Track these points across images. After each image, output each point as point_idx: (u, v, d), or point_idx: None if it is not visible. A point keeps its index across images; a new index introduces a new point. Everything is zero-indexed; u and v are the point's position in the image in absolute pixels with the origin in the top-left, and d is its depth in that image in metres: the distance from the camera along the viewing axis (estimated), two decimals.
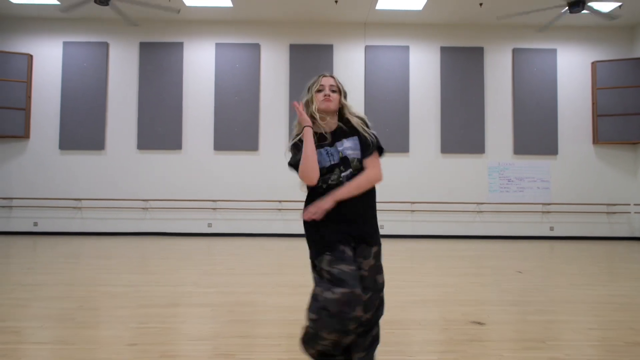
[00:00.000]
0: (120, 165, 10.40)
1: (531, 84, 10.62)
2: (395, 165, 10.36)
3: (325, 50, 10.50)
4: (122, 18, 8.17)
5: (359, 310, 1.82)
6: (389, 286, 4.53)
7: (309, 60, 10.46)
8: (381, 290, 2.09)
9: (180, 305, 3.74)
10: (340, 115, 2.08)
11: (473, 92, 10.60)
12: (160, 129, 10.41)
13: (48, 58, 10.45)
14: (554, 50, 10.66)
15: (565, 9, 7.89)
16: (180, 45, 10.48)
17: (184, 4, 9.50)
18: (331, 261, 1.88)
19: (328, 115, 2.04)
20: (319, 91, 2.02)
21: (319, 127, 2.03)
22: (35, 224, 10.26)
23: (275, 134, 10.40)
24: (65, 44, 10.45)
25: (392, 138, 10.39)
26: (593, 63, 10.59)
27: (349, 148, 2.00)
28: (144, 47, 10.49)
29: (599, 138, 10.50)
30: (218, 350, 2.62)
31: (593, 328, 3.16)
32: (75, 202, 10.27)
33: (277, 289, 4.47)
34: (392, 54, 10.56)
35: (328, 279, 1.85)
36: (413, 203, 10.35)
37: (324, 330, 1.80)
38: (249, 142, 10.39)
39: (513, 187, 10.57)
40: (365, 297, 1.93)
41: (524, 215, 10.49)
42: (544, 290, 4.49)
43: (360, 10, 9.86)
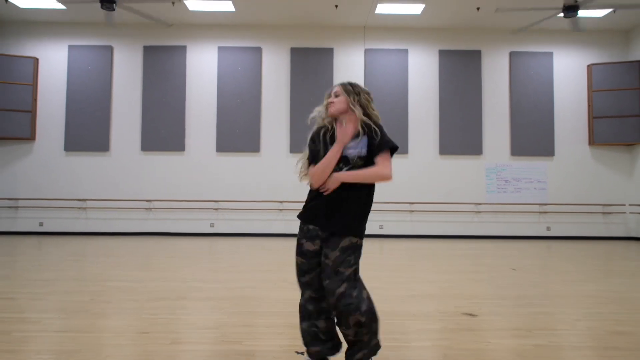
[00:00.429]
0: (124, 167, 10.58)
1: (528, 87, 10.80)
2: (395, 166, 10.19)
3: (326, 54, 10.69)
4: (158, 22, 8.64)
5: (307, 293, 2.18)
6: (388, 281, 4.74)
7: (310, 63, 10.65)
8: (342, 280, 2.07)
9: (187, 299, 3.93)
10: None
11: (471, 95, 10.77)
12: (163, 130, 10.60)
13: (53, 61, 10.65)
14: (550, 54, 10.84)
15: (560, 14, 8.07)
16: (183, 48, 10.68)
17: (187, 8, 9.70)
18: (296, 253, 2.23)
19: (340, 117, 2.23)
20: (328, 98, 2.27)
21: (331, 129, 2.25)
22: (40, 224, 10.44)
23: (276, 136, 10.59)
24: (70, 47, 10.64)
25: (392, 139, 10.55)
26: (589, 66, 10.77)
27: (351, 147, 2.17)
28: (147, 51, 10.69)
29: (594, 139, 10.67)
30: (225, 337, 2.81)
31: (579, 319, 3.34)
32: (80, 203, 10.45)
33: (279, 284, 4.65)
34: (392, 57, 10.75)
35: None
36: (412, 203, 10.52)
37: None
38: (251, 144, 10.57)
39: (510, 188, 10.74)
40: (326, 283, 2.10)
41: (521, 216, 10.66)
42: (536, 286, 4.67)
43: (359, 14, 10.05)
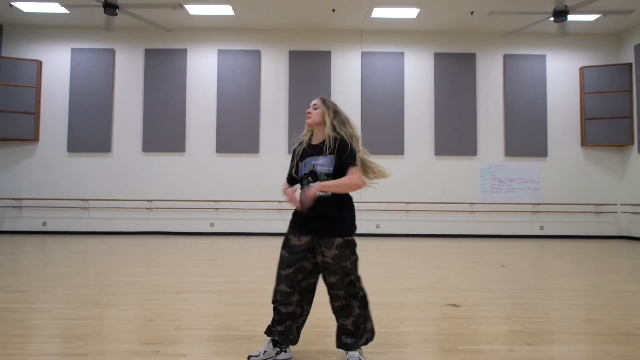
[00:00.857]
0: (126, 167, 10.81)
1: (521, 89, 11.04)
2: (391, 167, 10.49)
3: (323, 57, 10.92)
4: (157, 26, 8.85)
5: (282, 286, 2.35)
6: (379, 276, 4.96)
7: (308, 66, 10.88)
8: (349, 273, 2.31)
9: (190, 292, 4.16)
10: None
11: (465, 97, 11.01)
12: (164, 132, 10.83)
13: (57, 64, 10.88)
14: (544, 56, 11.08)
15: (551, 18, 8.31)
16: (184, 51, 10.91)
17: (187, 12, 9.93)
18: (282, 246, 2.47)
19: (315, 129, 2.47)
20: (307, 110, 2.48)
21: (309, 140, 2.49)
22: (44, 224, 10.66)
23: (275, 137, 10.82)
24: (73, 50, 10.88)
25: (388, 141, 10.81)
26: (581, 68, 11.01)
27: (320, 164, 2.35)
28: (149, 54, 10.92)
29: (587, 140, 10.90)
30: (225, 324, 3.04)
31: (555, 309, 3.57)
32: (83, 203, 10.67)
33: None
34: (388, 60, 10.98)
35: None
36: (408, 203, 10.75)
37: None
38: (250, 145, 10.79)
39: (504, 188, 10.97)
40: (334, 279, 2.32)
41: (515, 215, 10.89)
42: (520, 280, 4.89)
43: (356, 18, 10.29)
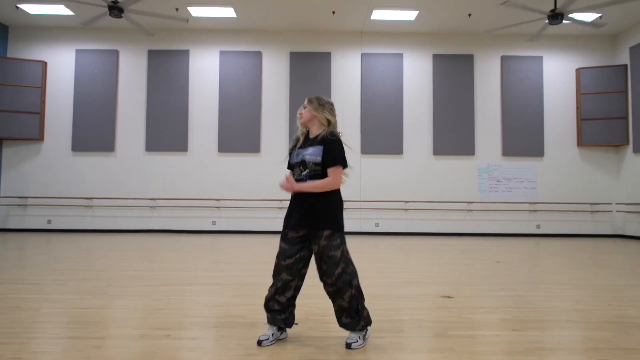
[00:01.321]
0: (129, 166, 10.99)
1: (519, 90, 11.21)
2: (390, 167, 10.95)
3: (324, 58, 11.10)
4: (140, 29, 8.72)
5: (284, 275, 2.55)
6: (377, 271, 5.14)
7: (308, 67, 11.06)
8: (338, 263, 2.49)
9: (195, 284, 4.34)
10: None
11: (463, 97, 11.18)
12: (167, 131, 11.01)
13: (61, 65, 11.06)
14: (540, 58, 11.25)
15: (546, 22, 8.47)
16: (186, 52, 11.09)
17: (190, 14, 10.11)
18: (280, 239, 2.65)
19: (309, 125, 2.69)
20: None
21: (302, 136, 2.71)
22: (48, 222, 10.84)
23: (276, 137, 11.00)
24: (77, 51, 11.06)
25: (387, 140, 10.99)
26: (577, 70, 11.18)
27: (309, 154, 2.55)
28: (152, 55, 11.10)
29: (583, 141, 11.08)
30: (230, 313, 3.22)
31: (543, 300, 3.74)
32: (87, 201, 10.86)
33: None
34: (387, 61, 11.16)
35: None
36: (407, 202, 10.92)
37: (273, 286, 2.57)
38: (251, 144, 10.97)
39: (501, 187, 11.14)
40: (325, 267, 2.53)
41: (512, 214, 11.06)
42: (513, 275, 5.07)
43: (356, 20, 10.47)
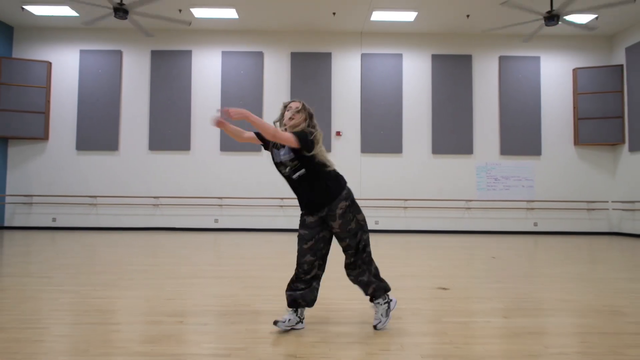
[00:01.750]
0: (133, 165, 11.15)
1: (516, 89, 11.37)
2: (389, 165, 11.11)
3: (324, 58, 11.27)
4: (140, 29, 8.88)
5: (308, 257, 2.74)
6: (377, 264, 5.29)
7: (309, 67, 11.23)
8: (356, 234, 2.78)
9: (201, 278, 4.51)
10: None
11: (462, 97, 11.34)
12: (170, 131, 11.17)
13: (66, 65, 11.23)
14: (538, 58, 11.41)
15: (542, 23, 8.64)
16: (189, 53, 11.25)
17: (193, 15, 10.27)
18: (299, 227, 2.84)
19: (287, 127, 2.86)
20: (288, 110, 2.87)
21: None
22: (53, 220, 11.01)
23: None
24: (81, 52, 11.22)
25: (387, 140, 11.15)
26: (574, 70, 11.34)
27: (283, 154, 2.80)
28: (155, 55, 11.26)
29: (579, 140, 11.24)
30: (238, 302, 3.40)
31: (535, 292, 3.92)
32: (91, 199, 11.02)
33: (280, 267, 5.23)
34: (387, 61, 11.32)
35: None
36: (406, 200, 11.09)
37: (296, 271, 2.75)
38: (253, 144, 11.10)
39: (499, 186, 11.30)
40: (345, 244, 2.80)
41: (510, 212, 11.23)
42: (508, 269, 5.24)
43: (356, 20, 10.63)
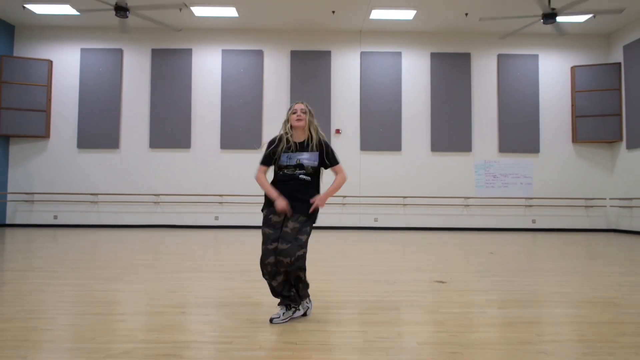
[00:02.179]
0: (134, 163, 11.22)
1: (515, 87, 11.44)
2: (389, 163, 11.18)
3: (324, 56, 11.33)
4: (166, 26, 9.30)
5: (271, 259, 2.81)
6: (376, 261, 5.39)
7: (309, 65, 11.29)
8: (302, 246, 2.82)
9: (203, 272, 4.59)
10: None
11: (461, 95, 11.41)
12: (170, 129, 11.24)
13: (67, 64, 11.29)
14: (536, 56, 11.48)
15: (540, 20, 8.71)
16: (189, 51, 11.32)
17: (193, 13, 10.33)
18: (264, 225, 2.88)
19: (298, 130, 2.92)
20: (293, 113, 2.92)
21: (291, 138, 2.95)
22: (55, 217, 11.08)
23: (277, 134, 11.20)
24: (82, 50, 11.28)
25: (386, 137, 11.22)
26: (572, 68, 11.41)
27: (306, 159, 2.88)
28: (155, 54, 11.32)
29: (577, 137, 11.30)
30: (238, 294, 3.48)
31: (531, 284, 4.00)
32: (92, 197, 11.09)
33: None
34: (386, 59, 11.39)
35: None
36: (405, 197, 11.16)
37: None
38: (253, 141, 11.20)
39: (498, 183, 11.38)
40: (285, 247, 2.80)
41: (508, 209, 11.30)
42: (505, 264, 5.32)
43: (355, 19, 10.69)
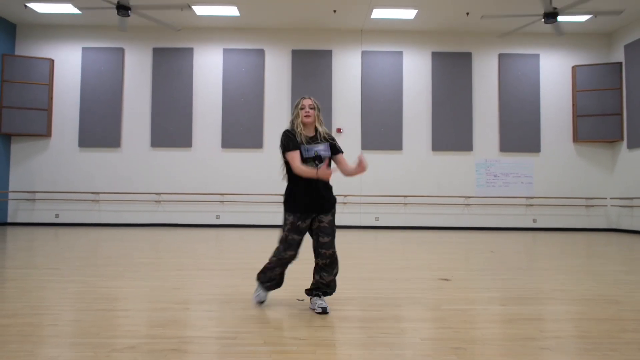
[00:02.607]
0: (135, 162, 11.24)
1: (516, 87, 11.45)
2: (389, 162, 11.19)
3: (325, 56, 11.34)
4: (166, 26, 9.27)
5: (288, 265, 3.08)
6: (378, 259, 5.41)
7: (310, 64, 11.31)
8: (335, 235, 3.01)
9: (206, 270, 4.61)
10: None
11: (462, 94, 11.42)
12: (171, 127, 11.25)
13: (68, 62, 11.30)
14: (537, 55, 11.49)
15: (542, 19, 8.72)
16: (190, 50, 11.33)
17: (194, 12, 10.34)
18: (290, 231, 2.95)
19: (308, 125, 3.01)
20: (302, 109, 2.97)
21: (302, 133, 3.00)
22: (56, 216, 11.10)
23: (278, 132, 11.09)
24: (84, 49, 11.30)
25: (387, 137, 11.23)
26: (573, 67, 11.42)
27: (322, 150, 3.00)
28: (157, 52, 11.34)
29: (578, 137, 11.31)
30: (240, 291, 3.50)
31: (532, 282, 4.01)
32: (93, 196, 11.11)
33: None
34: (387, 58, 11.40)
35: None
36: (406, 197, 11.17)
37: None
38: (254, 140, 11.22)
39: (499, 182, 11.39)
40: (328, 239, 2.97)
41: (509, 208, 11.31)
42: (506, 263, 5.34)
43: (357, 18, 10.70)
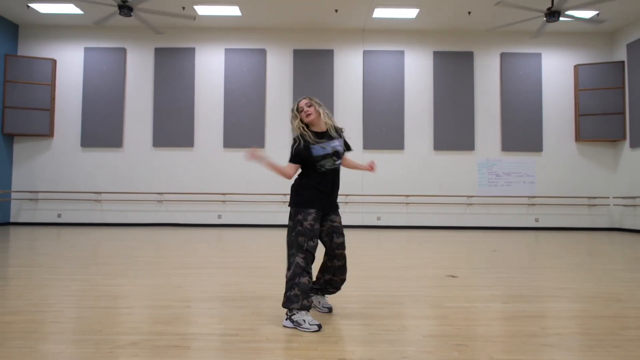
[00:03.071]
0: (137, 161, 11.26)
1: (518, 86, 11.43)
2: (391, 162, 11.19)
3: (327, 55, 11.34)
4: (148, 27, 8.99)
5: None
6: (380, 258, 5.40)
7: (311, 64, 11.31)
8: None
9: (208, 268, 4.61)
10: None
11: (463, 94, 11.41)
12: (173, 127, 11.27)
13: (70, 63, 11.33)
14: (539, 55, 11.47)
15: (544, 19, 8.71)
16: (192, 50, 11.34)
17: (196, 12, 10.36)
18: (310, 238, 2.72)
19: (314, 122, 2.88)
20: (300, 111, 2.86)
21: (312, 130, 2.87)
22: (59, 216, 11.12)
23: (280, 132, 11.25)
24: (86, 49, 11.32)
25: (388, 136, 11.23)
26: (575, 66, 11.40)
27: (338, 146, 2.88)
28: (158, 52, 11.35)
29: (581, 136, 11.29)
30: (243, 289, 3.49)
31: (534, 280, 4.01)
32: (96, 196, 11.13)
33: (283, 260, 5.31)
34: (389, 58, 11.40)
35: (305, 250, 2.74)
36: (408, 196, 11.16)
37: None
38: (256, 140, 11.22)
39: (501, 182, 11.37)
40: (343, 239, 2.89)
41: (511, 208, 11.30)
42: (508, 261, 5.33)
43: (358, 18, 10.71)
